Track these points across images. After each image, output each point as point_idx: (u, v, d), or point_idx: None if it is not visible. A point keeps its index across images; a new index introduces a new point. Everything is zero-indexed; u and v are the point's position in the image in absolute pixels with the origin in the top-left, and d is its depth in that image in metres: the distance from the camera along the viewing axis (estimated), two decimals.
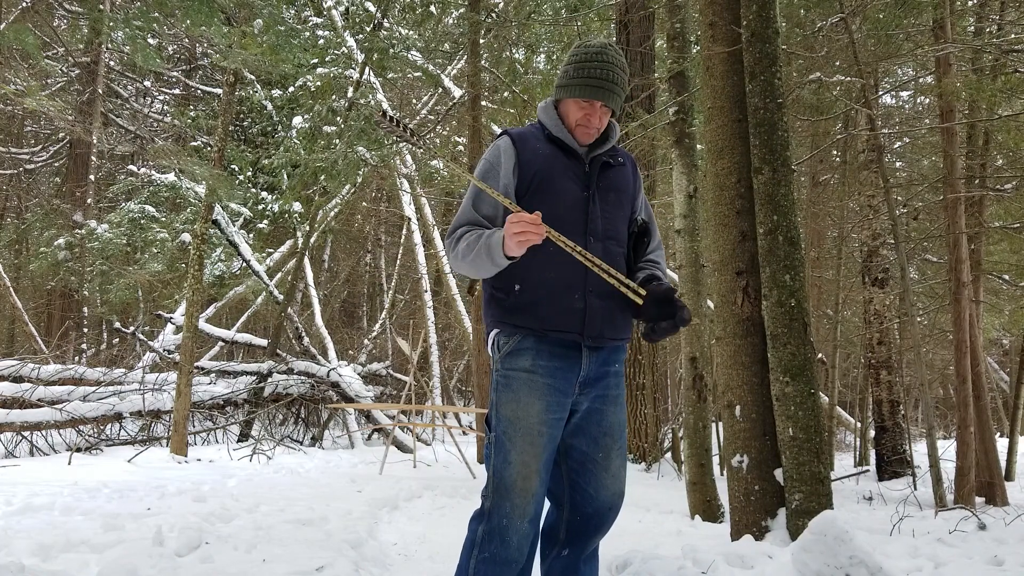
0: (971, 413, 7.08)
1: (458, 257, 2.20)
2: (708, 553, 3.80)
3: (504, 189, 2.24)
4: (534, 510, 2.21)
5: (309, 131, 11.15)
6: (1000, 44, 7.85)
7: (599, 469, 2.29)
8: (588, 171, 2.31)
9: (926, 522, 5.30)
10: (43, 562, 3.30)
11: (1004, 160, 9.50)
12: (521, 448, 2.17)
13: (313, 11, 11.73)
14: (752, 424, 4.29)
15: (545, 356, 2.22)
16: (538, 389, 2.19)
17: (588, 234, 2.24)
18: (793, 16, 7.90)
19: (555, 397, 2.21)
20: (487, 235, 2.13)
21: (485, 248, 2.11)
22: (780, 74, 4.29)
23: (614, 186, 2.35)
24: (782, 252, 4.13)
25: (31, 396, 8.48)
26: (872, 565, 3.14)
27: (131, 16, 6.87)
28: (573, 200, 2.25)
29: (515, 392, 2.20)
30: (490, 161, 2.30)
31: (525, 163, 2.27)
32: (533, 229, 2.01)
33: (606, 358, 2.31)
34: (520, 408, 2.19)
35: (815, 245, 11.88)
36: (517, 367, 2.22)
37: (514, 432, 2.18)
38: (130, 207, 11.74)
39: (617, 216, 2.34)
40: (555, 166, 2.28)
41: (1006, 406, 13.95)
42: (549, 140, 2.32)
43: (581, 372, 2.25)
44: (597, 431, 2.29)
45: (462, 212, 2.28)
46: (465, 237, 2.20)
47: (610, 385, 2.32)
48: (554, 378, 2.21)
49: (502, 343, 2.27)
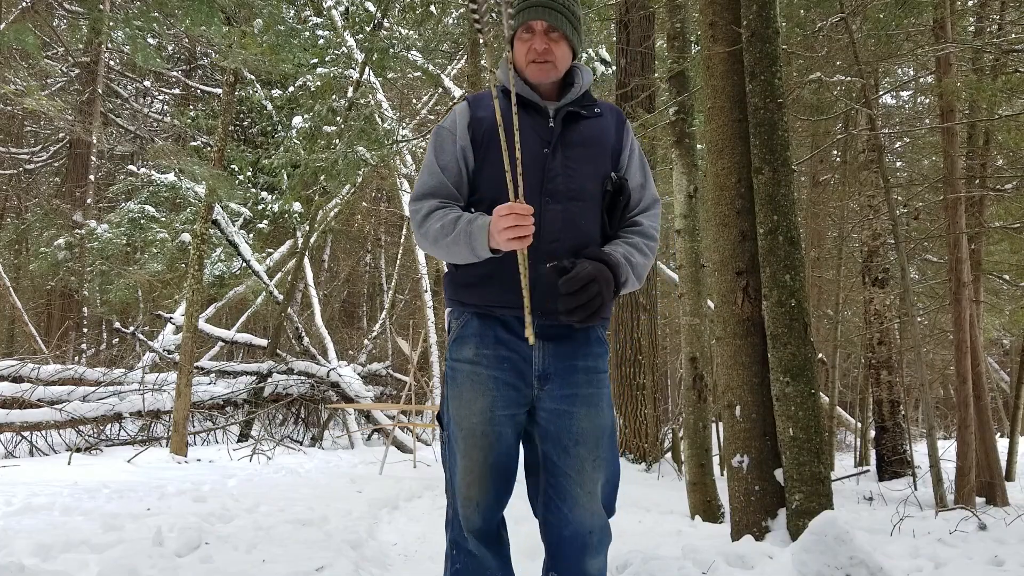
0: (971, 413, 7.08)
1: (427, 237, 1.95)
2: (708, 553, 3.80)
3: (461, 152, 2.02)
4: (481, 522, 1.99)
5: (309, 131, 11.14)
6: (1000, 44, 7.85)
7: (572, 485, 1.95)
8: (552, 125, 2.02)
9: (926, 522, 5.30)
10: (43, 562, 3.29)
11: (1004, 160, 9.50)
12: (464, 451, 1.96)
13: (313, 11, 11.73)
14: (752, 424, 4.29)
15: (490, 343, 1.95)
16: (482, 383, 1.94)
17: (545, 195, 1.94)
18: (793, 16, 7.90)
19: (503, 391, 1.93)
20: (467, 220, 1.87)
21: (465, 236, 1.85)
22: (780, 74, 4.28)
23: (583, 139, 2.03)
24: (782, 252, 4.12)
25: (31, 396, 8.47)
26: (872, 565, 3.13)
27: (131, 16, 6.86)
28: (529, 157, 1.94)
29: (459, 387, 1.97)
30: (444, 126, 2.08)
31: (478, 120, 2.03)
32: (525, 223, 1.76)
33: (572, 351, 1.98)
34: (463, 406, 1.96)
35: (815, 245, 11.88)
36: (461, 358, 1.99)
37: (459, 432, 1.97)
38: (130, 207, 11.74)
39: (584, 172, 2.01)
40: (509, 120, 1.97)
41: (1006, 406, 13.94)
42: (505, 95, 2.01)
43: (535, 363, 1.95)
44: (567, 438, 1.95)
45: (427, 178, 2.03)
46: (438, 215, 1.93)
47: (578, 383, 1.97)
48: (501, 370, 1.94)
49: (452, 326, 2.05)
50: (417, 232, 1.99)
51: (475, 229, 1.85)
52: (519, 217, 1.77)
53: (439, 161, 2.02)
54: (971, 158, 8.42)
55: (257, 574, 3.27)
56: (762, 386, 4.28)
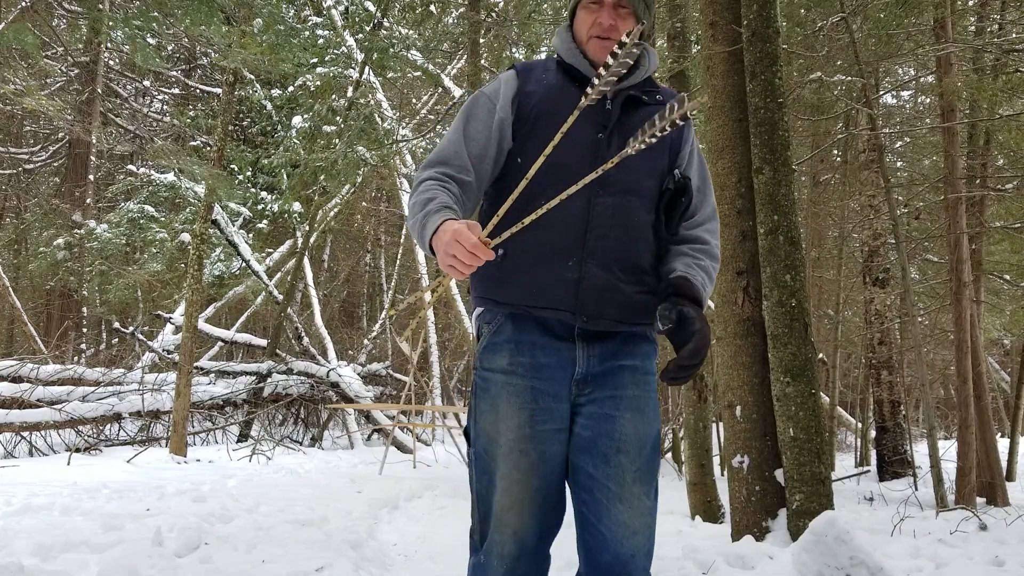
0: (972, 413, 7.07)
1: (407, 208, 1.72)
2: (709, 553, 3.79)
3: (498, 124, 1.78)
4: (517, 551, 1.71)
5: (309, 131, 11.13)
6: (1001, 43, 7.85)
7: (612, 500, 1.68)
8: (609, 108, 1.77)
9: (927, 522, 5.29)
10: (43, 562, 3.29)
11: (1005, 160, 9.49)
12: (503, 472, 1.70)
13: (313, 11, 11.72)
14: (753, 424, 4.28)
15: (526, 351, 1.73)
16: (519, 395, 1.71)
17: (596, 185, 1.70)
18: (794, 16, 7.89)
19: (543, 402, 1.71)
20: (432, 209, 1.61)
21: (420, 225, 1.62)
22: (781, 74, 4.28)
23: (643, 129, 1.73)
24: (783, 252, 4.12)
25: (30, 396, 8.47)
26: (873, 565, 3.13)
27: (130, 16, 6.86)
28: (582, 142, 1.72)
29: (492, 400, 1.73)
30: (485, 92, 1.84)
31: (526, 94, 1.80)
32: (466, 261, 1.47)
33: (615, 350, 1.76)
34: (500, 420, 1.71)
35: (816, 245, 11.87)
36: (494, 367, 1.75)
37: (495, 450, 1.71)
38: (129, 207, 11.73)
39: (642, 165, 1.76)
40: (562, 99, 1.76)
41: (1007, 406, 13.94)
42: (561, 69, 1.83)
43: (577, 368, 1.73)
44: (607, 445, 1.70)
45: (446, 144, 1.79)
46: (427, 187, 1.69)
47: (624, 383, 1.75)
48: (539, 378, 1.72)
49: (482, 330, 1.82)
50: (409, 198, 1.74)
51: (427, 226, 1.59)
52: (466, 253, 1.47)
53: (467, 129, 1.79)
54: (972, 158, 8.41)
55: (257, 574, 3.26)
56: (762, 386, 4.28)
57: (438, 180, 1.71)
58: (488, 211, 1.85)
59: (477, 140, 1.78)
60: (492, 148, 1.78)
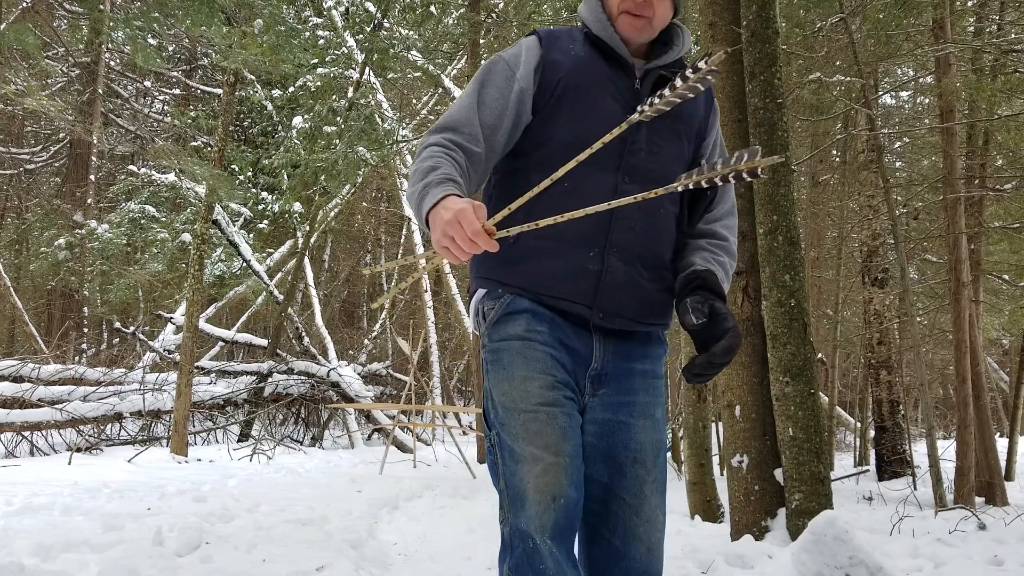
0: (971, 413, 7.08)
1: (410, 175, 1.56)
2: (708, 553, 3.81)
3: (517, 95, 1.62)
4: (565, 521, 1.50)
5: (309, 131, 11.14)
6: (1000, 44, 7.86)
7: (628, 513, 1.57)
8: (639, 88, 1.65)
9: (926, 522, 5.30)
10: (43, 562, 3.30)
11: (1004, 160, 9.50)
12: (529, 437, 1.52)
13: (313, 11, 11.74)
14: (752, 424, 4.30)
15: (546, 323, 1.59)
16: (538, 360, 1.56)
17: (623, 171, 1.60)
18: (793, 16, 7.90)
19: (560, 373, 1.57)
20: (435, 180, 1.46)
21: (419, 195, 1.47)
22: (780, 74, 4.29)
23: (672, 111, 1.60)
24: (782, 252, 4.13)
25: (31, 396, 8.48)
26: (872, 565, 3.14)
27: (131, 16, 6.87)
28: (609, 122, 1.55)
29: (507, 368, 1.58)
30: (504, 58, 1.67)
31: (551, 64, 1.65)
32: (464, 247, 1.34)
33: (630, 351, 1.64)
34: (516, 386, 1.56)
35: (815, 245, 11.88)
36: (508, 335, 1.60)
37: (515, 421, 1.54)
38: (130, 207, 11.75)
39: (671, 152, 1.66)
40: (591, 73, 1.64)
41: (1006, 406, 13.95)
42: (589, 41, 1.68)
43: (593, 360, 1.61)
44: (623, 455, 1.59)
45: (457, 109, 1.64)
46: (431, 154, 1.54)
47: (636, 389, 1.64)
48: (557, 349, 1.58)
49: (487, 309, 1.66)
50: (413, 164, 1.59)
51: (430, 193, 1.43)
52: (466, 239, 1.33)
53: (481, 94, 1.63)
54: (970, 158, 8.42)
55: (257, 574, 3.27)
56: (762, 386, 4.29)
57: (444, 147, 1.55)
58: (499, 187, 1.71)
59: (492, 108, 1.62)
60: (508, 120, 1.62)
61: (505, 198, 1.58)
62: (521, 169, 1.64)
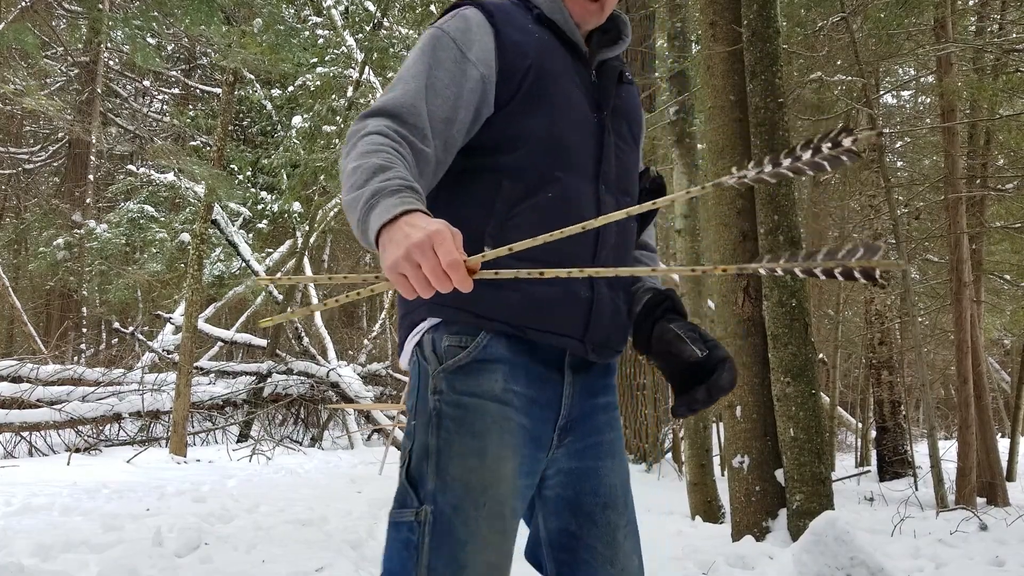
0: (972, 413, 7.07)
1: (344, 171, 1.17)
2: (709, 554, 3.80)
3: (479, 82, 1.29)
4: None
5: (309, 131, 11.14)
6: (1001, 43, 7.85)
7: (601, 562, 1.35)
8: (598, 82, 1.42)
9: (927, 523, 5.30)
10: (43, 562, 3.29)
11: (1005, 160, 9.49)
12: (486, 540, 1.20)
13: (313, 10, 11.73)
14: (753, 424, 4.28)
15: (521, 377, 1.27)
16: (513, 434, 1.25)
17: (601, 179, 1.36)
18: (794, 15, 7.89)
19: (530, 450, 1.28)
20: (392, 186, 1.08)
21: (367, 201, 1.08)
22: (781, 73, 4.28)
23: (630, 113, 1.46)
24: (783, 252, 4.11)
25: (30, 396, 8.47)
26: (873, 566, 3.13)
27: (130, 15, 6.85)
28: (583, 119, 1.36)
29: (479, 438, 1.22)
30: (450, 35, 1.31)
31: (513, 46, 1.33)
32: (432, 280, 0.99)
33: (593, 384, 1.39)
34: (488, 465, 1.22)
35: (816, 245, 11.87)
36: (482, 392, 1.25)
37: (475, 510, 1.20)
38: (129, 207, 11.75)
39: (632, 161, 1.46)
40: (557, 60, 1.36)
41: (1007, 406, 13.94)
42: (541, 22, 1.39)
43: (563, 408, 1.33)
44: (592, 502, 1.36)
45: (402, 92, 1.26)
46: (378, 145, 1.16)
47: (601, 427, 1.39)
48: (530, 417, 1.28)
49: (447, 347, 1.27)
50: (347, 154, 1.20)
51: (386, 201, 1.06)
52: (439, 272, 0.99)
53: (430, 77, 1.27)
54: (972, 158, 8.41)
55: (257, 574, 3.26)
56: (763, 386, 4.28)
57: (391, 140, 1.18)
58: (448, 191, 1.34)
59: (444, 98, 1.27)
60: (464, 113, 1.29)
61: (459, 205, 1.31)
62: (482, 171, 1.32)
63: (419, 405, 1.27)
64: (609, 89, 1.42)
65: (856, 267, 1.04)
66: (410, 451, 1.25)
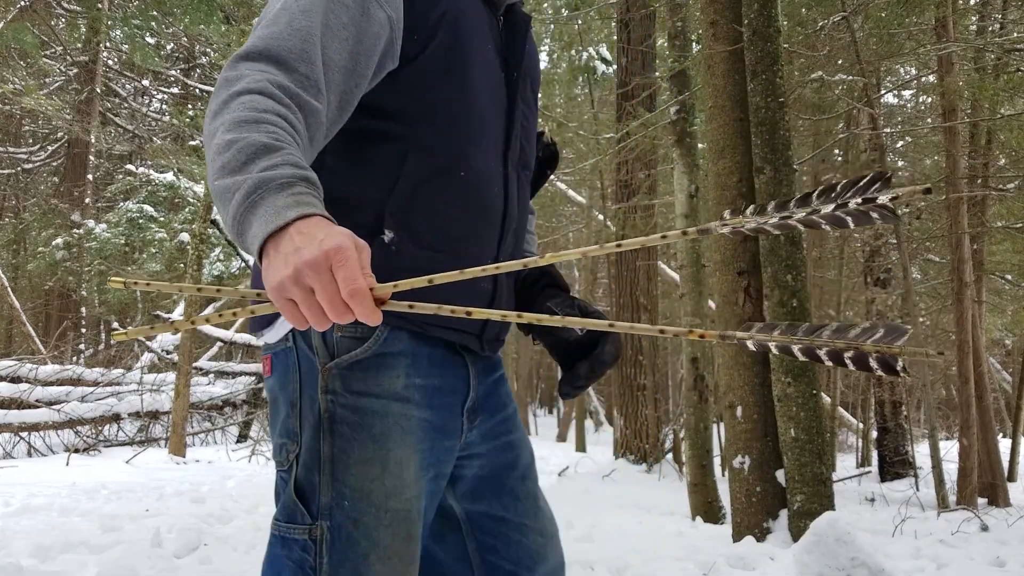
0: (973, 414, 7.06)
1: (212, 137, 0.90)
2: (709, 554, 3.78)
3: (384, 26, 1.06)
4: None
5: None
6: (1003, 43, 7.84)
7: (532, 535, 1.28)
8: (505, 33, 1.22)
9: (928, 523, 5.29)
10: (41, 563, 3.28)
11: (1007, 160, 9.48)
12: (391, 549, 1.08)
13: None
14: (754, 425, 4.27)
15: (423, 367, 1.14)
16: (413, 432, 1.12)
17: (508, 155, 1.21)
18: (795, 15, 7.88)
19: (437, 442, 1.16)
20: (278, 177, 0.83)
21: (246, 201, 0.83)
22: (782, 73, 4.27)
23: (533, 70, 1.29)
24: (784, 252, 4.10)
25: (29, 397, 8.45)
26: (874, 566, 3.12)
27: (129, 15, 6.85)
28: (497, 85, 1.19)
29: (379, 441, 1.09)
30: None
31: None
32: (330, 311, 0.78)
33: (489, 359, 1.28)
34: (390, 471, 1.09)
35: (817, 245, 11.87)
36: (382, 391, 1.10)
37: (377, 520, 1.07)
38: (128, 207, 11.74)
39: (534, 126, 1.30)
40: (470, 9, 1.16)
41: (1008, 407, 13.93)
42: None
43: (470, 391, 1.22)
44: (512, 477, 1.28)
45: (287, 30, 0.98)
46: (259, 112, 0.89)
47: (504, 400, 1.31)
48: (433, 407, 1.15)
49: (340, 339, 1.09)
50: (210, 120, 0.92)
51: (274, 198, 0.82)
52: (338, 302, 0.77)
53: (326, 16, 1.01)
54: (973, 158, 8.40)
55: (256, 575, 3.25)
56: (763, 387, 4.27)
57: (278, 101, 0.91)
58: (336, 157, 1.11)
59: (342, 40, 1.01)
60: (367, 63, 1.04)
61: (354, 176, 1.10)
62: (382, 137, 1.10)
63: (303, 404, 1.10)
64: (519, 43, 1.22)
65: (872, 351, 0.80)
66: (296, 457, 1.09)
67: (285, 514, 1.09)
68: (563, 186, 12.11)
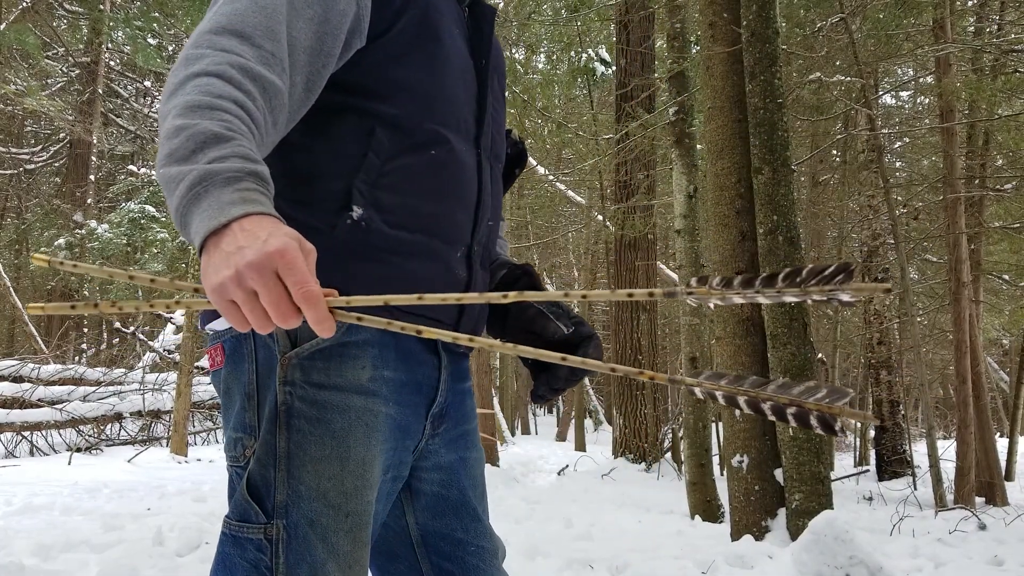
0: (971, 413, 7.09)
1: (164, 120, 0.84)
2: (708, 553, 3.81)
3: (353, 2, 1.02)
4: None
5: None
6: (1000, 44, 7.87)
7: (488, 561, 1.21)
8: (471, 23, 1.20)
9: (926, 522, 5.31)
10: (43, 562, 3.30)
11: (1004, 160, 9.50)
12: (349, 555, 1.02)
13: None
14: (752, 424, 4.30)
15: (391, 360, 1.08)
16: (378, 429, 1.05)
17: (481, 142, 1.17)
18: (793, 16, 7.90)
19: (398, 441, 1.09)
20: (227, 170, 0.78)
21: (190, 193, 0.78)
22: (780, 74, 4.29)
23: (500, 66, 1.27)
24: (782, 252, 4.13)
25: (31, 396, 8.48)
26: (872, 565, 3.14)
27: (131, 16, 6.87)
28: (466, 71, 1.16)
29: (340, 439, 1.01)
30: None
31: None
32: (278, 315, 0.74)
33: (460, 367, 1.23)
34: (351, 471, 1.02)
35: (815, 245, 11.89)
36: (345, 384, 1.03)
37: (335, 523, 1.01)
38: (130, 207, 11.75)
39: (503, 120, 1.27)
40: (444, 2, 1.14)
41: (1006, 406, 13.96)
42: None
43: (439, 394, 1.15)
44: (471, 496, 1.22)
45: (252, 6, 0.93)
46: (214, 96, 0.84)
47: (469, 414, 1.25)
48: (399, 403, 1.08)
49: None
50: (164, 99, 0.87)
51: (216, 193, 0.78)
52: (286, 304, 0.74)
53: (293, 30, 0.96)
54: (971, 158, 8.43)
55: None
56: None
57: (236, 86, 0.86)
58: (300, 133, 1.04)
59: (308, 19, 0.97)
60: (333, 43, 1.00)
61: (318, 150, 1.05)
62: (346, 110, 1.05)
63: (259, 394, 1.03)
64: (486, 32, 1.19)
65: (813, 409, 0.79)
66: (251, 452, 1.02)
67: (237, 512, 1.01)
68: (562, 186, 12.13)
